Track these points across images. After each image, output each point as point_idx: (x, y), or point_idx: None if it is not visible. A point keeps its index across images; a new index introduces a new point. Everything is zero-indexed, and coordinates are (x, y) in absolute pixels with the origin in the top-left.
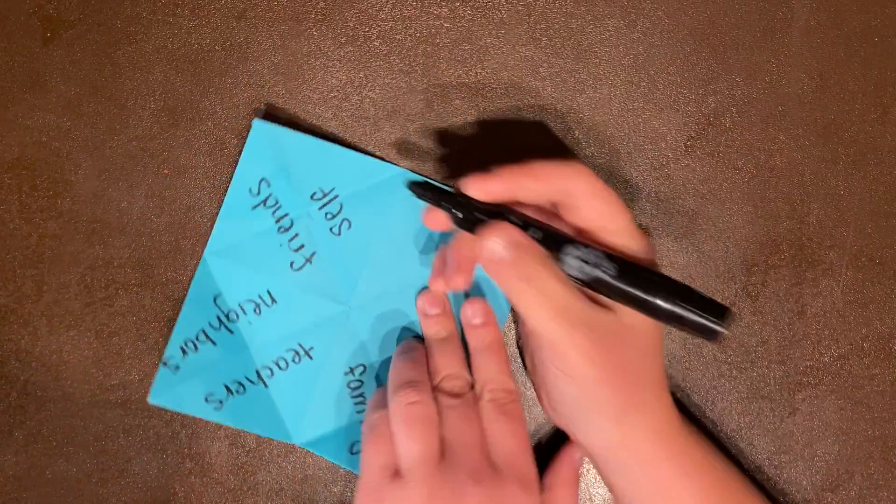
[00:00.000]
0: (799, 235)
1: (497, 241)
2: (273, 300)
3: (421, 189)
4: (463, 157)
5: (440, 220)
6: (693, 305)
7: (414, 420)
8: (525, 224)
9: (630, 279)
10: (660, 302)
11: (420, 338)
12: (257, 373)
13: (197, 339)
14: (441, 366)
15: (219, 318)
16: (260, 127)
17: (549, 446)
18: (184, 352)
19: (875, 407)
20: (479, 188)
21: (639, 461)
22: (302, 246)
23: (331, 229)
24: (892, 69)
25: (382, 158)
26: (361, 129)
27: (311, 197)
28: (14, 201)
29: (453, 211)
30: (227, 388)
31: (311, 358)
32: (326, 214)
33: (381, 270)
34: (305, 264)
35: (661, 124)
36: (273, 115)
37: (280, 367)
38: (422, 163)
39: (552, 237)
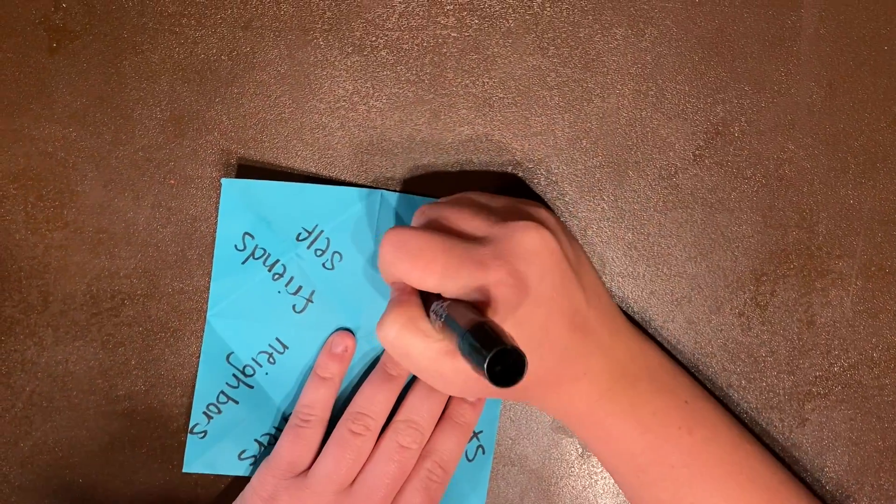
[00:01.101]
0: (808, 245)
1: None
2: (284, 346)
3: None
4: (469, 168)
5: None
6: (476, 348)
7: (347, 448)
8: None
9: (448, 326)
10: (459, 342)
11: None
12: (285, 420)
13: (218, 401)
14: (414, 410)
15: (235, 377)
16: (229, 185)
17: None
18: (208, 416)
19: (885, 417)
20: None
21: (571, 425)
22: (300, 288)
23: (323, 265)
24: None
25: (354, 183)
26: (368, 139)
27: (297, 238)
28: (20, 212)
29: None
30: (259, 442)
31: None
32: (316, 251)
33: (381, 292)
34: (307, 304)
35: (670, 133)
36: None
37: None
38: (428, 173)
39: (426, 300)
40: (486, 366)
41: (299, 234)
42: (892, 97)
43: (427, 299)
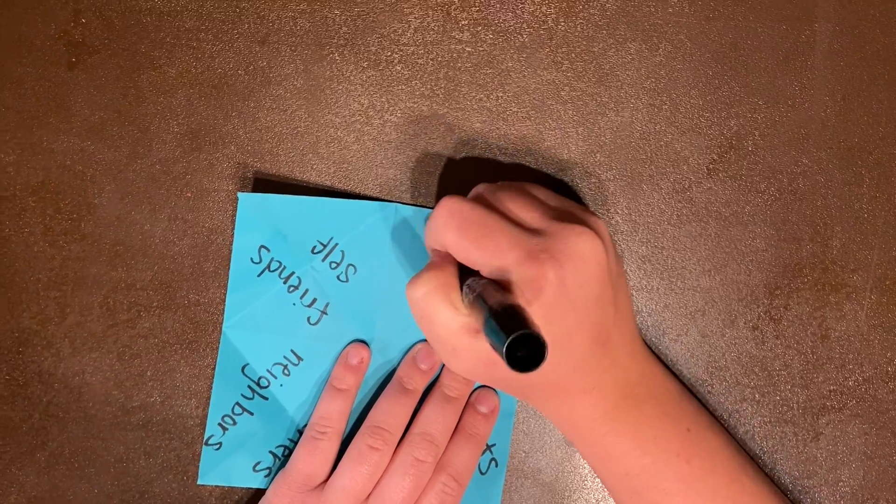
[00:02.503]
0: (822, 258)
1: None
2: (299, 358)
3: None
4: (484, 181)
5: None
6: (501, 328)
7: (364, 462)
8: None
9: (478, 303)
10: (485, 320)
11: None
12: (299, 432)
13: (233, 412)
14: (429, 422)
15: (250, 388)
16: (246, 199)
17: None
18: (223, 428)
19: None
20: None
21: (570, 436)
22: (314, 300)
23: (338, 277)
24: None
25: (369, 197)
26: (383, 153)
27: (312, 251)
28: (38, 224)
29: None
30: (273, 454)
31: None
32: (331, 264)
33: (395, 305)
34: (322, 317)
35: (684, 147)
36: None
37: None
38: (442, 187)
39: (463, 275)
40: (506, 346)
41: (314, 246)
42: None
43: (464, 276)
